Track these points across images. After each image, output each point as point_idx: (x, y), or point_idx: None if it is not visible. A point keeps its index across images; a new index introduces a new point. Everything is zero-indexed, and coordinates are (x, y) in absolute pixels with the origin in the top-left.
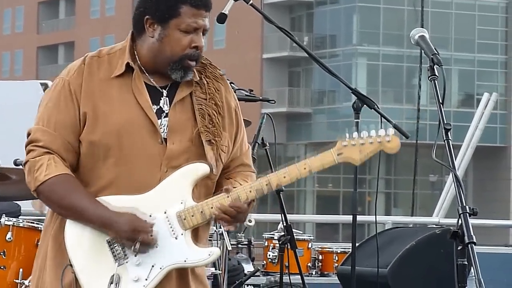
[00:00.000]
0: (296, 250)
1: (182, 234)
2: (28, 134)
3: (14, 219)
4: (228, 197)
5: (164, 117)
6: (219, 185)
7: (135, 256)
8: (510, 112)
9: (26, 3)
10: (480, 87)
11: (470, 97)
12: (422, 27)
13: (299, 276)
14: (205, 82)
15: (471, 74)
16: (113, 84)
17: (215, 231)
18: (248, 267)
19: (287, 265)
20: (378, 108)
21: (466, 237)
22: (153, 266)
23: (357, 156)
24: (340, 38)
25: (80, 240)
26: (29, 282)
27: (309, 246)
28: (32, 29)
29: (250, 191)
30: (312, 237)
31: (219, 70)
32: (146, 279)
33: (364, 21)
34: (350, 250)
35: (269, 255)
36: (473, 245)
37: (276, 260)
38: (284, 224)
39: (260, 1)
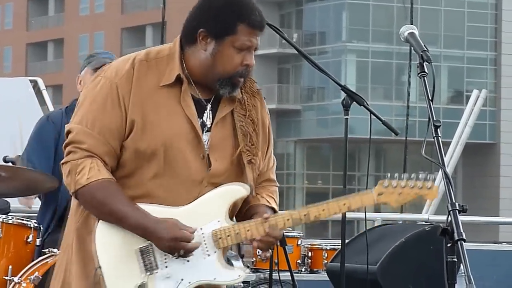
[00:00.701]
0: (286, 247)
1: (215, 252)
2: (69, 133)
3: (4, 216)
4: (266, 223)
5: (206, 131)
6: (245, 201)
7: (166, 267)
8: (500, 109)
9: (15, 0)
10: (470, 84)
11: (459, 94)
12: (412, 24)
13: (289, 273)
14: (245, 98)
15: (460, 71)
16: (162, 93)
17: None
18: (237, 264)
19: (276, 262)
20: (368, 105)
21: (455, 234)
22: (182, 280)
23: (395, 199)
24: (329, 35)
25: (110, 245)
26: (18, 279)
27: (299, 243)
28: (21, 26)
29: (288, 220)
30: (301, 234)
31: (256, 83)
32: None
33: (353, 18)
34: (340, 247)
35: (259, 252)
36: (463, 242)
37: (266, 258)
38: None
39: None
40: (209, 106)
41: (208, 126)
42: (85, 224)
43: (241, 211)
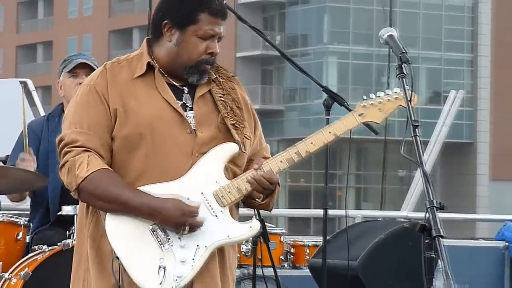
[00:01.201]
0: (269, 243)
1: (221, 212)
2: (61, 140)
3: None
4: (260, 170)
5: (189, 110)
6: (245, 171)
7: (179, 239)
8: (476, 109)
9: (6, 3)
10: (447, 84)
11: (437, 94)
12: (391, 27)
13: (272, 268)
14: (221, 80)
15: (438, 72)
16: (137, 84)
17: None
18: None
19: (260, 258)
20: (348, 106)
21: (433, 231)
22: (198, 246)
23: (378, 115)
24: (311, 37)
25: (122, 233)
26: (9, 275)
27: (281, 239)
28: (12, 29)
29: (281, 161)
30: (284, 231)
31: (230, 73)
32: (193, 259)
33: (334, 21)
34: (321, 243)
35: (243, 248)
36: (441, 238)
37: (250, 253)
38: (257, 218)
39: (233, 1)
40: (185, 89)
41: (190, 106)
42: (96, 227)
43: None
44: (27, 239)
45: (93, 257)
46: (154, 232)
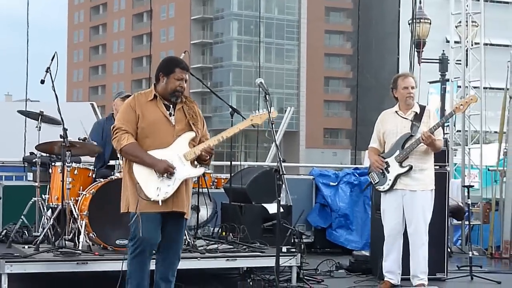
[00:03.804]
0: (205, 178)
1: (186, 162)
2: (114, 126)
3: (78, 164)
4: (206, 144)
5: (171, 116)
6: (198, 143)
7: (167, 176)
8: (299, 115)
9: (83, 66)
10: (286, 104)
11: (282, 109)
12: (260, 77)
13: (206, 189)
14: (187, 102)
15: (282, 99)
16: (148, 103)
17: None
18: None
19: (200, 184)
20: (241, 114)
21: (280, 171)
22: (175, 178)
23: (259, 121)
24: (224, 83)
25: (141, 172)
26: (85, 192)
27: (211, 175)
28: (86, 77)
29: (215, 141)
30: (212, 172)
31: (191, 98)
32: (173, 185)
33: (234, 75)
34: (229, 177)
35: (194, 180)
36: (284, 175)
37: (197, 182)
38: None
39: (188, 63)
40: (171, 106)
41: (173, 114)
42: (130, 169)
43: None
44: (94, 176)
45: (129, 183)
46: (157, 173)
